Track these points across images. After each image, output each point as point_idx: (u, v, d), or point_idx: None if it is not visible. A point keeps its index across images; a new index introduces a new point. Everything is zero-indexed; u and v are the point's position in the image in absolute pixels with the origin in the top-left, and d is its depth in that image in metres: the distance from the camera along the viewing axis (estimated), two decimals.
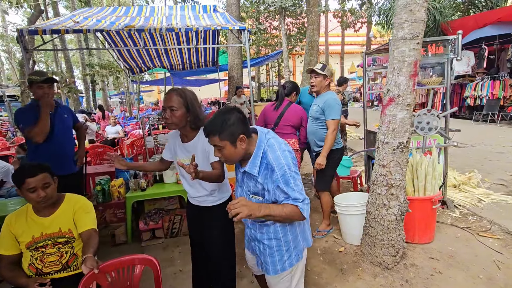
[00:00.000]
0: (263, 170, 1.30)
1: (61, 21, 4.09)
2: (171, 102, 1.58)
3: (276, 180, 1.26)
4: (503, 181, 3.88)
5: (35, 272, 1.61)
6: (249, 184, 1.37)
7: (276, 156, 1.27)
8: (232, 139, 1.25)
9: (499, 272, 2.19)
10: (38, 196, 1.54)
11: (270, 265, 1.40)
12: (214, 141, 1.27)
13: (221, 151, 1.28)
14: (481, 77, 8.97)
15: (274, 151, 1.29)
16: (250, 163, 1.32)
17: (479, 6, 10.50)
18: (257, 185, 1.33)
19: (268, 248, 1.40)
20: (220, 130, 1.24)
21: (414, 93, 1.99)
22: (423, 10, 1.85)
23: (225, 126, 1.24)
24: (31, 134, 2.42)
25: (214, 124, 1.26)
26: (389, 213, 2.18)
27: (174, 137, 1.81)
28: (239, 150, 1.28)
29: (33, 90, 2.47)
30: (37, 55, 19.04)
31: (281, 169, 1.25)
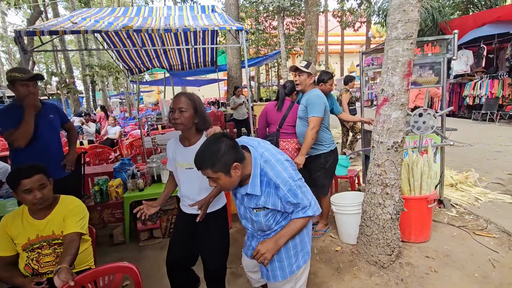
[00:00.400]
0: (265, 188, 1.29)
1: (59, 22, 4.10)
2: (181, 104, 1.64)
3: (284, 196, 1.27)
4: (500, 180, 3.89)
5: (32, 272, 1.62)
6: (250, 203, 1.37)
7: (276, 172, 1.27)
8: (226, 169, 1.22)
9: (494, 270, 2.20)
10: (35, 197, 1.53)
11: (278, 270, 1.41)
12: (207, 174, 1.24)
13: (217, 181, 1.26)
14: (480, 76, 8.97)
15: (273, 167, 1.28)
16: (250, 184, 1.30)
17: (478, 5, 10.51)
18: (259, 203, 1.33)
19: (276, 254, 1.38)
20: (212, 163, 1.21)
21: (408, 92, 2.00)
22: (417, 10, 1.86)
23: (217, 158, 1.20)
24: (12, 138, 2.20)
25: (205, 157, 1.23)
26: (384, 212, 2.19)
27: (173, 145, 1.82)
28: (234, 178, 1.26)
29: (16, 88, 2.21)
30: (37, 56, 19.08)
31: (286, 184, 1.26)
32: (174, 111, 1.65)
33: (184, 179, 1.77)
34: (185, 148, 1.74)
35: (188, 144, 1.75)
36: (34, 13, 9.66)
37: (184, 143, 1.76)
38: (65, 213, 1.66)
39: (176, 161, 1.78)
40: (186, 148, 1.74)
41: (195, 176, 1.63)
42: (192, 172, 1.63)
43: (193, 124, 1.69)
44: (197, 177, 1.65)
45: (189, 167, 1.70)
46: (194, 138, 1.74)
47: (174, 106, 1.66)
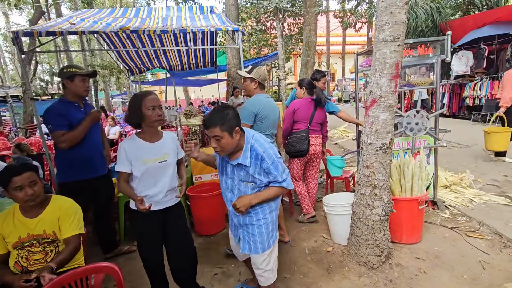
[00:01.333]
0: (254, 161, 1.58)
1: (58, 23, 4.15)
2: (159, 102, 1.76)
3: (267, 168, 1.57)
4: (496, 181, 3.87)
5: (21, 270, 1.65)
6: (240, 174, 1.63)
7: (264, 149, 1.58)
8: (230, 130, 1.50)
9: (484, 272, 2.20)
10: (26, 194, 1.57)
11: (259, 244, 1.68)
12: (214, 132, 1.50)
13: (219, 141, 1.51)
14: (480, 77, 8.91)
15: (261, 144, 1.59)
16: (242, 156, 1.58)
17: (479, 6, 10.45)
18: (248, 173, 1.60)
19: (257, 228, 1.67)
20: (221, 122, 1.49)
21: (396, 94, 2.01)
22: (403, 12, 1.87)
23: (225, 119, 1.50)
24: (62, 139, 2.24)
25: (215, 118, 1.51)
26: (373, 213, 2.20)
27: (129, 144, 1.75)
28: (234, 140, 1.54)
29: (75, 83, 2.29)
30: (40, 56, 19.24)
31: (270, 158, 1.57)
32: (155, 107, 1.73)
33: (157, 175, 1.77)
34: (152, 144, 1.78)
35: (154, 139, 1.79)
36: (36, 13, 9.75)
37: (148, 139, 1.77)
38: (59, 214, 1.68)
39: (143, 159, 1.72)
40: (153, 144, 1.78)
41: (166, 168, 1.79)
42: (166, 164, 1.79)
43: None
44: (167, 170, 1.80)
45: (161, 160, 1.77)
46: (158, 134, 1.83)
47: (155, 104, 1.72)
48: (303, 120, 3.04)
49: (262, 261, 1.71)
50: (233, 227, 1.86)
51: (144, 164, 1.72)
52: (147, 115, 1.70)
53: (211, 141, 1.54)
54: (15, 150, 3.61)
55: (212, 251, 2.79)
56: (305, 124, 3.05)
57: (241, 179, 1.63)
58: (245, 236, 1.73)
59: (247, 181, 1.62)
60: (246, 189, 1.64)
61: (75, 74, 2.29)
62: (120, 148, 1.73)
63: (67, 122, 2.28)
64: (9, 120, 13.28)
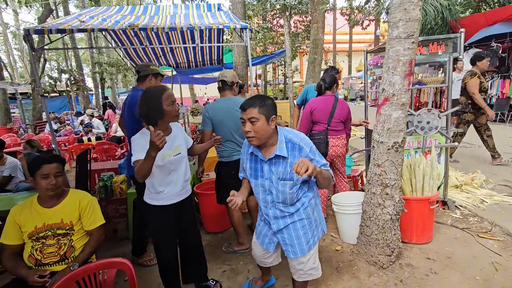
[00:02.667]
0: (291, 151, 1.53)
1: (67, 21, 4.18)
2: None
3: (307, 155, 1.51)
4: (508, 182, 3.81)
5: (35, 262, 1.68)
6: (278, 170, 1.55)
7: (300, 137, 1.56)
8: (268, 115, 1.48)
9: (496, 274, 2.17)
10: (49, 183, 1.66)
11: (304, 244, 1.63)
12: (252, 113, 1.46)
13: (255, 124, 1.47)
14: (491, 76, 8.75)
15: (296, 135, 1.57)
16: (278, 147, 1.53)
17: (490, 2, 10.25)
18: (287, 169, 1.53)
19: (301, 228, 1.63)
20: (260, 105, 1.47)
21: (409, 92, 1.98)
22: (418, 9, 1.83)
23: (265, 103, 1.48)
24: None
25: (255, 99, 1.49)
26: (384, 212, 2.18)
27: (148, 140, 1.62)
28: (269, 128, 1.50)
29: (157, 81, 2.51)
30: (48, 54, 19.45)
31: (308, 145, 1.54)
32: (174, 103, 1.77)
33: (173, 168, 1.79)
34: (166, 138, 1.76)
35: (167, 133, 1.79)
36: (45, 11, 9.85)
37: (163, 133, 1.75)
38: (80, 208, 1.76)
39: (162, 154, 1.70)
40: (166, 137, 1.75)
41: (181, 160, 1.82)
42: (181, 156, 1.82)
43: None
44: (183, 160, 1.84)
45: (176, 153, 1.79)
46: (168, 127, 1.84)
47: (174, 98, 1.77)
48: (321, 120, 2.83)
49: (308, 259, 1.67)
50: (262, 235, 1.78)
51: (163, 159, 1.72)
52: (167, 111, 1.71)
53: (245, 126, 1.49)
54: (26, 146, 3.66)
55: (220, 248, 2.79)
56: (324, 125, 2.84)
57: (279, 176, 1.55)
58: (286, 241, 1.66)
59: (286, 178, 1.54)
60: (285, 188, 1.56)
61: (159, 74, 2.54)
62: (138, 140, 1.68)
63: None
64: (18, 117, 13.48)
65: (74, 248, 1.74)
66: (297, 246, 1.63)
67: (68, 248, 1.72)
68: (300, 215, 1.63)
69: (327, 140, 2.82)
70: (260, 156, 1.58)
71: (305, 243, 1.63)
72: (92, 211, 1.79)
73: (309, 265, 1.68)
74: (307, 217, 1.64)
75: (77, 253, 1.74)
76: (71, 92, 11.92)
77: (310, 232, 1.65)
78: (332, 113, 2.82)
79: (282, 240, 1.69)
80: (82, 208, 1.76)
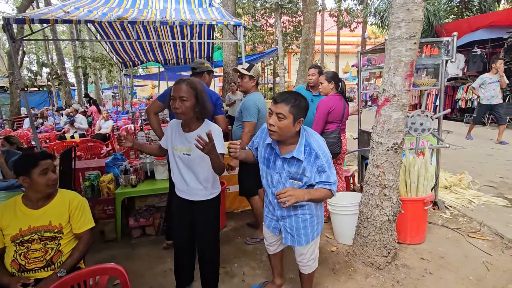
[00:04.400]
0: (307, 156, 1.50)
1: (50, 11, 3.97)
2: (182, 92, 1.61)
3: (321, 166, 1.49)
4: (492, 182, 3.93)
5: (18, 268, 1.55)
6: (290, 170, 1.55)
7: (319, 145, 1.52)
8: (296, 116, 1.45)
9: (488, 273, 2.21)
10: (50, 178, 1.57)
11: (303, 236, 1.67)
12: (282, 109, 1.43)
13: (281, 120, 1.44)
14: (473, 80, 9.07)
15: (316, 140, 1.53)
16: (296, 149, 1.51)
17: (473, 9, 10.63)
18: (299, 170, 1.52)
19: (302, 222, 1.65)
20: (293, 103, 1.43)
21: (409, 93, 1.98)
22: (421, 10, 1.83)
23: (298, 103, 1.45)
24: None
25: (290, 97, 1.45)
26: (381, 213, 2.18)
27: (175, 126, 1.81)
28: (293, 129, 1.48)
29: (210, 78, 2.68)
30: (27, 46, 18.56)
31: (325, 156, 1.50)
32: (175, 99, 1.62)
33: (180, 165, 1.77)
34: (185, 133, 1.74)
35: (187, 130, 1.75)
36: (24, 1, 9.37)
37: (184, 129, 1.76)
38: (69, 209, 1.66)
39: (174, 146, 1.77)
40: (185, 134, 1.75)
41: (191, 162, 1.73)
42: (189, 158, 1.72)
43: (194, 113, 1.68)
44: (193, 163, 1.73)
45: (186, 153, 1.73)
46: (194, 125, 1.75)
47: (175, 94, 1.63)
48: (336, 120, 2.84)
49: (307, 251, 1.73)
50: (269, 219, 1.82)
51: (172, 150, 1.77)
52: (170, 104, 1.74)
53: (271, 118, 1.47)
54: (4, 143, 3.44)
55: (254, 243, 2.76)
56: (337, 124, 2.87)
57: (290, 175, 1.56)
58: (287, 228, 1.70)
59: (295, 178, 1.55)
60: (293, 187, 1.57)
61: (212, 71, 2.68)
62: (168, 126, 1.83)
63: None
64: None
65: (62, 253, 1.62)
66: (296, 237, 1.69)
67: (55, 253, 1.60)
68: (303, 210, 1.65)
69: (340, 139, 2.89)
70: (276, 150, 1.57)
71: (304, 235, 1.68)
72: (82, 213, 1.68)
73: (307, 256, 1.75)
74: (310, 213, 1.67)
75: (65, 258, 1.63)
76: (52, 87, 11.40)
77: (310, 227, 1.68)
78: (344, 112, 2.87)
79: (283, 227, 1.73)
80: (72, 210, 1.65)
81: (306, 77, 7.12)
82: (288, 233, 1.71)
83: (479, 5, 10.25)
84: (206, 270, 1.93)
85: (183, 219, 1.88)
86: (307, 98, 1.54)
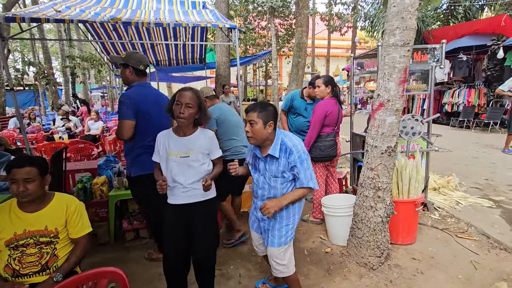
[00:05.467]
0: (283, 154, 1.69)
1: (41, 9, 3.88)
2: (188, 99, 1.73)
3: (294, 161, 1.67)
4: (478, 184, 4.08)
5: (12, 273, 1.52)
6: (271, 168, 1.73)
7: (294, 143, 1.69)
8: (265, 120, 1.65)
9: (476, 272, 2.30)
10: (17, 189, 1.49)
11: (276, 238, 1.77)
12: (251, 117, 1.65)
13: (253, 126, 1.65)
14: (458, 85, 9.39)
15: (291, 139, 1.72)
16: (272, 148, 1.69)
17: (458, 17, 11.00)
18: (279, 168, 1.70)
19: (278, 223, 1.78)
20: (260, 110, 1.66)
21: (403, 98, 2.05)
22: (414, 18, 1.90)
23: (264, 110, 1.66)
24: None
25: (257, 106, 1.68)
26: (375, 215, 2.23)
27: (165, 136, 1.85)
28: (265, 132, 1.67)
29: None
30: (12, 44, 18.01)
31: (298, 152, 1.67)
32: (181, 105, 1.71)
33: (178, 168, 1.80)
34: (180, 138, 1.81)
35: (183, 135, 1.82)
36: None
37: (179, 134, 1.82)
38: (69, 212, 1.63)
39: (169, 151, 1.80)
40: (180, 138, 1.81)
41: (188, 163, 1.79)
42: (187, 160, 1.79)
43: (194, 120, 1.80)
44: (190, 165, 1.79)
45: (184, 155, 1.78)
46: (189, 131, 1.82)
47: (181, 100, 1.72)
48: (331, 123, 2.93)
49: (278, 254, 1.80)
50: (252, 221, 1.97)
51: (168, 157, 1.79)
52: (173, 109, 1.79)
53: (246, 126, 1.68)
54: None
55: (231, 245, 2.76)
56: (333, 128, 2.96)
57: (272, 174, 1.72)
58: (266, 227, 1.84)
59: (277, 176, 1.71)
60: (276, 184, 1.74)
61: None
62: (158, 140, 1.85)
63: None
64: None
65: (57, 257, 1.60)
66: (270, 237, 1.80)
67: (51, 257, 1.57)
68: (281, 213, 1.78)
69: (336, 142, 2.97)
70: (257, 153, 1.77)
71: (277, 237, 1.78)
72: (80, 218, 1.65)
73: (278, 260, 1.81)
74: (287, 217, 1.80)
75: (60, 262, 1.60)
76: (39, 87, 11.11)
77: (284, 229, 1.79)
78: (338, 116, 2.98)
79: (262, 227, 1.87)
80: (69, 214, 1.61)
81: (298, 80, 7.22)
82: (265, 232, 1.84)
83: (464, 13, 10.64)
84: (206, 276, 1.93)
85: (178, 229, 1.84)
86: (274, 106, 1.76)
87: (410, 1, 1.90)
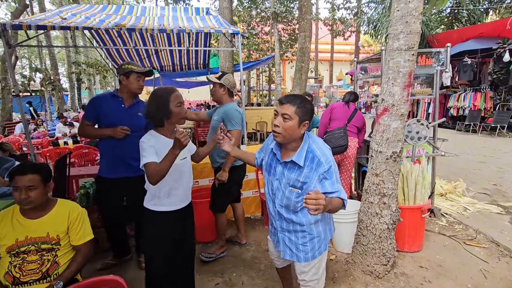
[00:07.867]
0: (309, 163, 1.42)
1: (47, 17, 3.94)
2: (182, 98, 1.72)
3: (323, 173, 1.40)
4: (486, 190, 4.00)
5: (12, 281, 1.50)
6: (290, 176, 1.47)
7: (322, 152, 1.43)
8: (301, 118, 1.40)
9: (486, 281, 2.23)
10: (20, 196, 1.48)
11: (302, 253, 1.55)
12: (288, 110, 1.39)
13: (286, 121, 1.39)
14: (464, 89, 9.30)
15: (320, 147, 1.45)
16: (297, 154, 1.44)
17: (462, 20, 10.95)
18: (299, 178, 1.43)
19: (301, 238, 1.54)
20: (299, 105, 1.40)
21: (408, 103, 2.02)
22: (418, 22, 1.88)
23: (304, 106, 1.41)
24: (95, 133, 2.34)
25: (297, 99, 1.42)
26: (381, 222, 2.19)
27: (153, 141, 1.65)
28: (298, 132, 1.42)
29: (129, 80, 2.30)
30: (20, 51, 18.36)
31: (328, 164, 1.41)
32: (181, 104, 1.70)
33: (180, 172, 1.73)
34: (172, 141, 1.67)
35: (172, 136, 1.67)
36: (19, 6, 9.30)
37: (170, 137, 1.69)
38: (71, 219, 1.62)
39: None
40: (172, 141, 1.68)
41: (188, 166, 1.78)
42: (186, 162, 1.77)
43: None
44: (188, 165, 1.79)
45: (182, 157, 1.73)
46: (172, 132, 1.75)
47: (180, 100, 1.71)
48: (340, 118, 3.21)
49: (309, 270, 1.57)
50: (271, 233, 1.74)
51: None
52: (175, 112, 1.65)
53: (276, 118, 1.42)
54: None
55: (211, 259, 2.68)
56: (343, 122, 3.21)
57: (289, 182, 1.47)
58: (286, 241, 1.58)
59: (295, 186, 1.45)
60: (291, 195, 1.47)
61: (132, 71, 2.31)
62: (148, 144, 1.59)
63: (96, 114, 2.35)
64: None
65: (58, 265, 1.58)
66: (295, 252, 1.57)
67: (52, 265, 1.56)
68: (303, 228, 1.54)
69: (346, 134, 3.14)
70: (277, 155, 1.51)
71: (303, 251, 1.55)
72: (82, 224, 1.64)
73: (309, 276, 1.60)
74: (310, 233, 1.54)
75: (61, 270, 1.58)
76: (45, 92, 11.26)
77: (310, 244, 1.55)
78: (352, 117, 3.27)
79: (282, 240, 1.61)
80: (72, 221, 1.60)
81: (302, 85, 7.21)
82: (287, 246, 1.59)
83: (468, 17, 10.58)
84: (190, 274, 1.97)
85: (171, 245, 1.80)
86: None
87: (414, 5, 1.88)
